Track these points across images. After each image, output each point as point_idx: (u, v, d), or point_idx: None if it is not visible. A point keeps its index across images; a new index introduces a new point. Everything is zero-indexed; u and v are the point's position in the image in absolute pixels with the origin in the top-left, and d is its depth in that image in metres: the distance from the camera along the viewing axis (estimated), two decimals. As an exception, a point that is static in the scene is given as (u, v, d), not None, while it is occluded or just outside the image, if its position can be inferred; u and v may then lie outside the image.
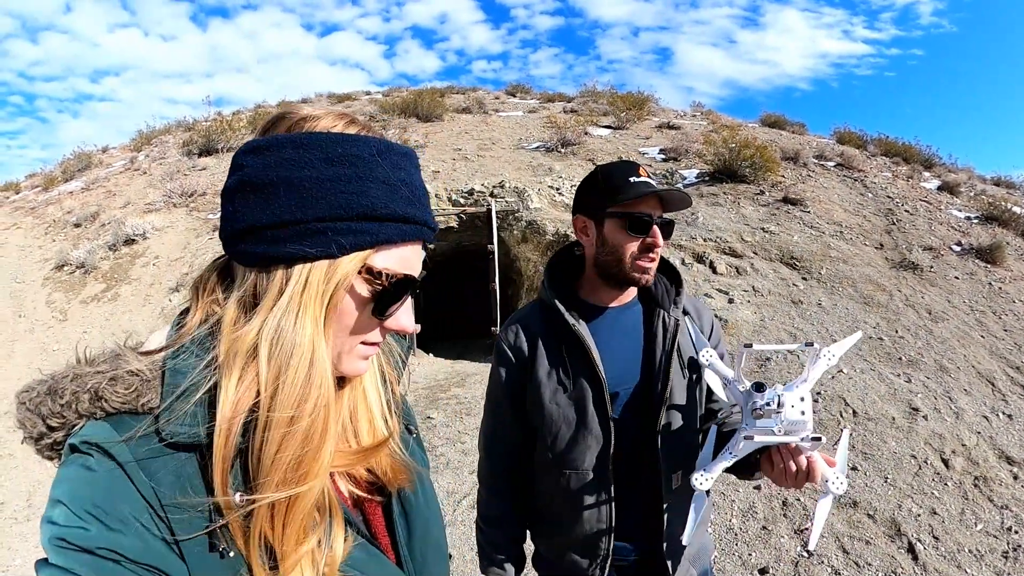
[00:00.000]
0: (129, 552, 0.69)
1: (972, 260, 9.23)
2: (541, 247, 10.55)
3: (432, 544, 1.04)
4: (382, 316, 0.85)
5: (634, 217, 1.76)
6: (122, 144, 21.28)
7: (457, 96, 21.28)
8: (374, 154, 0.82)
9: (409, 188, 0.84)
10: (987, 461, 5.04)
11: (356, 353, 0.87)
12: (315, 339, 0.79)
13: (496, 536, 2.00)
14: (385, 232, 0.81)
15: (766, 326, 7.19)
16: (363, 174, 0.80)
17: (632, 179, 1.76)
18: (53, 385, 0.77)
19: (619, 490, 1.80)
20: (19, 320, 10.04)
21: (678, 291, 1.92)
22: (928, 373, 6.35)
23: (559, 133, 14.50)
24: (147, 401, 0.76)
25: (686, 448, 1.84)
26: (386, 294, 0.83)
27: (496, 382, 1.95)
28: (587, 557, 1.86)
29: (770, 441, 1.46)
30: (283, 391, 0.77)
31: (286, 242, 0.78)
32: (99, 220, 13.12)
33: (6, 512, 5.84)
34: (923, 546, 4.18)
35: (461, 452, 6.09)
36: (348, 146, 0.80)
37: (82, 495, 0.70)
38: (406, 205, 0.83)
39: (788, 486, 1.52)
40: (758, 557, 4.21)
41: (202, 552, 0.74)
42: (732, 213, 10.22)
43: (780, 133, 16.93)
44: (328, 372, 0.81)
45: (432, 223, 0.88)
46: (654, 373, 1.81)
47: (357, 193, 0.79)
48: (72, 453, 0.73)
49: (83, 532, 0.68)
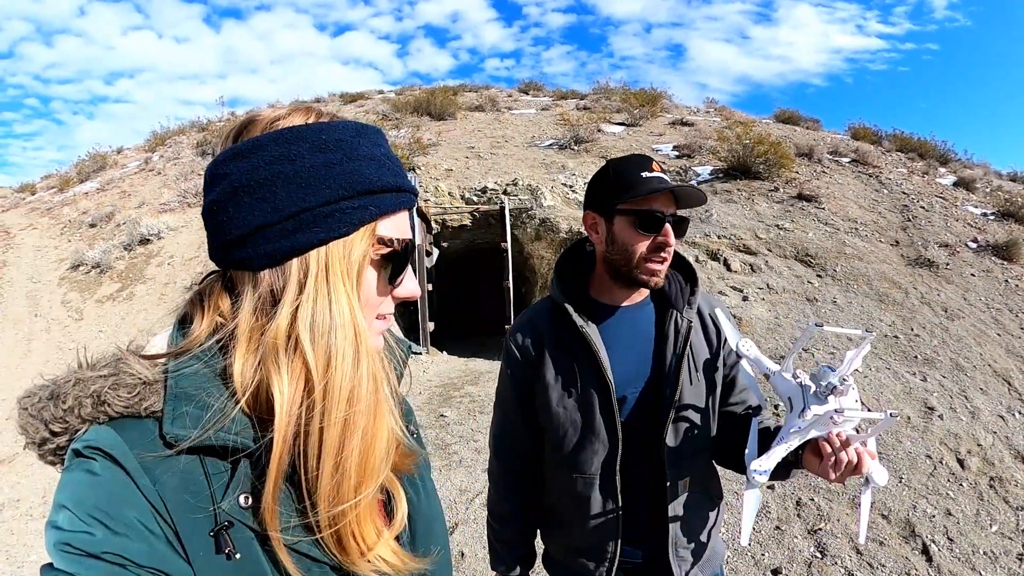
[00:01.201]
0: (135, 556, 0.69)
1: (988, 257, 9.13)
2: (554, 245, 10.54)
3: (435, 540, 1.04)
4: (394, 283, 0.90)
5: (644, 214, 1.69)
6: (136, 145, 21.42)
7: (470, 94, 21.28)
8: (354, 135, 0.85)
9: (391, 160, 0.88)
10: (1003, 461, 5.00)
11: (375, 329, 0.89)
12: (355, 318, 0.81)
13: (506, 534, 1.99)
14: (384, 203, 0.84)
15: (780, 324, 7.15)
16: (352, 154, 0.83)
17: (644, 174, 1.70)
18: (55, 390, 0.77)
19: (626, 494, 1.77)
20: (35, 319, 10.14)
21: (693, 290, 1.86)
22: (944, 372, 6.30)
23: (572, 130, 14.50)
24: (150, 405, 0.76)
25: (694, 455, 1.79)
26: (397, 260, 0.88)
27: (504, 382, 1.93)
28: (593, 560, 1.84)
29: (857, 416, 1.42)
30: (335, 377, 0.79)
31: (295, 233, 0.79)
32: (114, 220, 13.22)
33: (22, 508, 5.90)
34: (937, 547, 4.15)
35: (474, 450, 6.10)
36: (331, 133, 0.82)
37: (86, 499, 0.70)
38: (393, 176, 0.86)
39: (832, 480, 1.45)
40: (771, 557, 4.19)
41: (208, 555, 0.74)
42: (746, 210, 10.17)
43: (794, 129, 16.81)
44: (374, 348, 0.85)
45: (415, 188, 0.92)
46: (664, 376, 1.75)
47: (353, 172, 0.82)
48: (76, 458, 0.73)
49: (88, 537, 0.67)
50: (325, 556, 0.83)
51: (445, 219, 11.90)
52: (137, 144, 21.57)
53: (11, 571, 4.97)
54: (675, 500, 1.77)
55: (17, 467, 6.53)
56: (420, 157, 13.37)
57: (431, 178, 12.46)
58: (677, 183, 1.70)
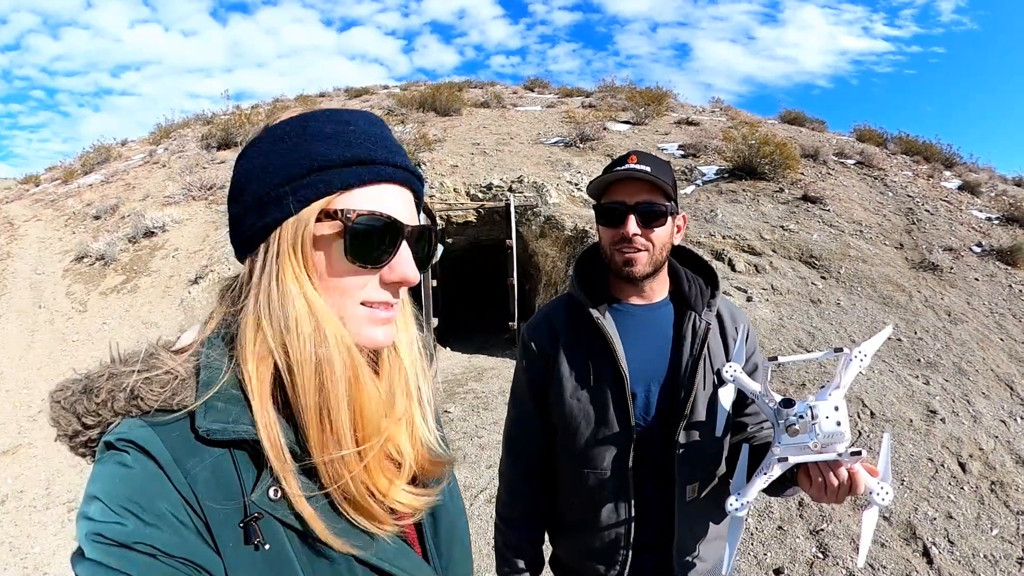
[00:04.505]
0: (165, 547, 0.70)
1: (992, 262, 9.14)
2: (559, 242, 10.54)
3: (457, 538, 1.05)
4: (357, 258, 0.83)
5: (604, 208, 1.74)
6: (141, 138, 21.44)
7: (475, 91, 21.28)
8: (307, 119, 0.86)
9: (358, 134, 0.86)
10: (1004, 466, 5.01)
11: (361, 317, 0.86)
12: (308, 295, 0.81)
13: (513, 538, 1.96)
14: (341, 177, 0.83)
15: (784, 325, 7.16)
16: (308, 136, 0.84)
17: (616, 168, 1.71)
18: (88, 384, 0.79)
19: (638, 497, 1.75)
20: (39, 311, 10.16)
21: (713, 293, 1.84)
22: (946, 375, 6.30)
23: (577, 128, 14.49)
24: (182, 399, 0.78)
25: (706, 460, 1.77)
26: (356, 232, 0.82)
27: (519, 377, 1.93)
28: (604, 563, 1.81)
29: (806, 459, 1.39)
30: (296, 355, 0.80)
31: (259, 219, 0.83)
32: (119, 213, 13.25)
33: (25, 500, 5.92)
34: (938, 550, 4.16)
35: (478, 446, 6.12)
36: (291, 123, 0.86)
37: (118, 491, 0.71)
38: (356, 148, 0.84)
39: (828, 501, 1.42)
40: (773, 557, 4.20)
41: (237, 546, 0.76)
42: (751, 210, 10.17)
43: (800, 130, 16.80)
44: (339, 326, 0.83)
45: (401, 162, 0.88)
46: (679, 378, 1.73)
47: (304, 153, 0.83)
48: (108, 450, 0.75)
49: (120, 527, 0.69)
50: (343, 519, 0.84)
51: (450, 215, 11.90)
52: (141, 137, 21.60)
53: (15, 562, 4.99)
54: (683, 505, 1.75)
55: (20, 458, 6.55)
56: (425, 153, 13.38)
57: (436, 174, 12.46)
58: (627, 169, 1.68)
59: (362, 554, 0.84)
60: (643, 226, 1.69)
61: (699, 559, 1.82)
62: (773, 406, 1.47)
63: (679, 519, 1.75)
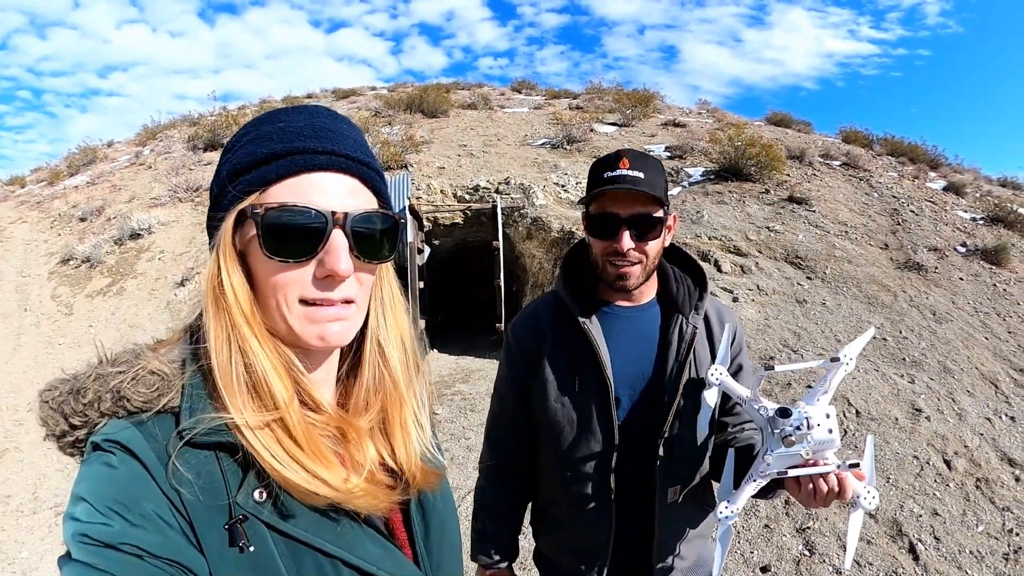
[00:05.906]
0: (151, 547, 0.70)
1: (977, 261, 9.20)
2: (546, 244, 10.56)
3: (448, 542, 1.05)
4: (275, 254, 0.81)
5: (596, 218, 1.67)
6: (127, 139, 21.30)
7: (463, 92, 21.28)
8: (264, 122, 0.89)
9: (287, 131, 0.85)
10: (989, 463, 5.04)
11: (298, 315, 0.85)
12: (224, 272, 0.84)
13: (489, 525, 1.97)
14: (259, 175, 0.83)
15: (770, 325, 7.19)
16: (247, 139, 0.87)
17: (606, 174, 1.63)
18: (76, 384, 0.80)
19: (620, 497, 1.74)
20: (25, 314, 10.08)
21: (701, 295, 1.79)
22: (932, 374, 6.35)
23: (565, 130, 14.52)
24: (168, 400, 0.79)
25: (689, 463, 1.76)
26: (267, 227, 0.81)
27: (503, 375, 1.92)
28: (585, 562, 1.81)
29: (801, 473, 1.38)
30: (208, 322, 0.83)
31: (211, 221, 0.89)
32: (104, 214, 13.16)
33: (12, 505, 5.86)
34: (924, 547, 4.19)
35: (465, 448, 6.11)
36: (245, 127, 0.90)
37: (104, 492, 0.71)
38: (277, 144, 0.84)
39: (816, 506, 1.41)
40: (760, 555, 4.22)
41: (222, 547, 0.76)
42: (737, 211, 10.21)
43: (786, 132, 16.87)
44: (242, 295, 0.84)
45: (334, 148, 0.86)
46: (664, 383, 1.70)
47: (237, 157, 0.86)
48: (94, 451, 0.75)
49: (106, 528, 0.69)
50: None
51: (437, 217, 11.88)
52: (128, 138, 21.46)
53: (2, 567, 4.94)
54: (664, 505, 1.74)
55: (7, 463, 6.49)
56: (412, 154, 13.38)
57: (423, 175, 12.45)
58: (624, 180, 1.60)
59: (349, 557, 0.84)
60: (637, 239, 1.64)
61: (679, 557, 1.82)
62: (766, 414, 1.44)
63: (660, 519, 1.75)
